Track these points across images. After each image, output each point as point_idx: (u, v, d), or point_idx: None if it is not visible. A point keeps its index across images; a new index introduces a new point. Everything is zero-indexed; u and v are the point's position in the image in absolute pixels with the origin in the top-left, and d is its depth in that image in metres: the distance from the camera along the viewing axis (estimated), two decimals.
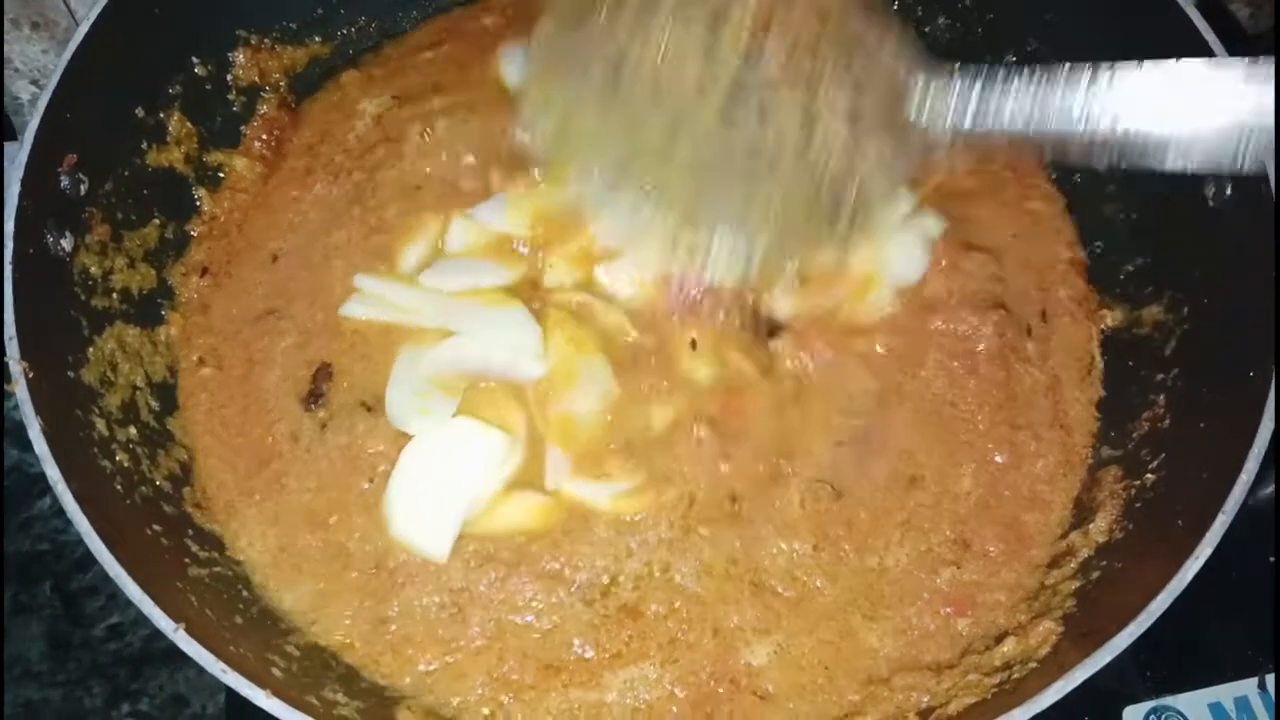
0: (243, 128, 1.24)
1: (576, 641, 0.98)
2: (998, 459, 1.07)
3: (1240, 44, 1.03)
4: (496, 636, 0.98)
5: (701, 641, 0.98)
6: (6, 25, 1.42)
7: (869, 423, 1.07)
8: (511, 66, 1.23)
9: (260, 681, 0.80)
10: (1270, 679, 1.17)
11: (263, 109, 1.25)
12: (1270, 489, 1.27)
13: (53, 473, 0.85)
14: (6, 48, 1.45)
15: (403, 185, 1.18)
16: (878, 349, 1.10)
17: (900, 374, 1.09)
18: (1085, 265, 1.19)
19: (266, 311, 1.14)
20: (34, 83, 1.51)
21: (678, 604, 1.00)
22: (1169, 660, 1.18)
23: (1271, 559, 1.23)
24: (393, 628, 0.99)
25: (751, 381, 1.07)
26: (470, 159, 1.18)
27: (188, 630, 0.80)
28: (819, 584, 1.01)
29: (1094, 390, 1.12)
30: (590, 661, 0.98)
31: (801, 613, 1.00)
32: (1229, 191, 0.99)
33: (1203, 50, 1.00)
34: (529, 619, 0.99)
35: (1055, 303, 1.16)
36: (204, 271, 1.17)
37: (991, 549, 1.03)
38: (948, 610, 1.00)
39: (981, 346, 1.10)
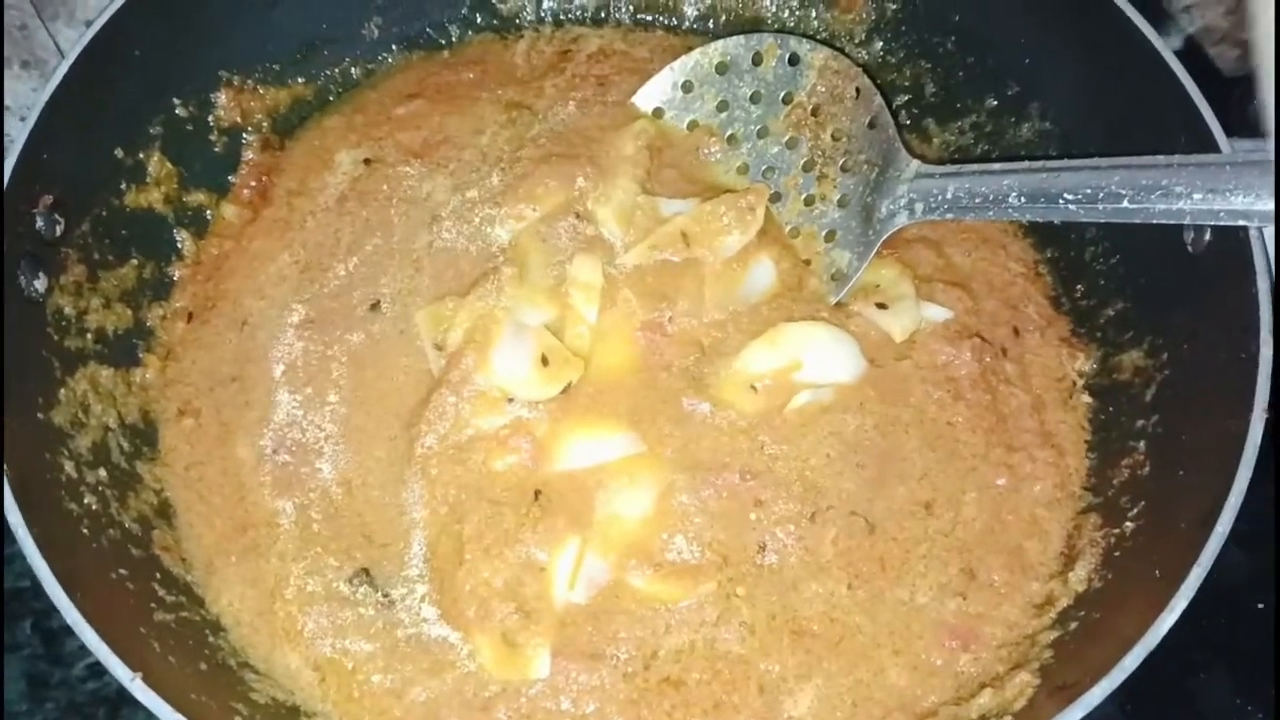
0: (231, 177, 1.24)
1: None
2: (999, 482, 1.07)
3: (1218, 89, 1.03)
4: (527, 716, 0.96)
5: (747, 701, 0.97)
6: None
7: (886, 446, 1.07)
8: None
9: None
10: None
11: (248, 154, 1.25)
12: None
13: (14, 517, 0.84)
14: None
15: None
16: (868, 391, 1.10)
17: (893, 407, 1.09)
18: (1044, 279, 1.20)
19: (232, 378, 1.13)
20: (23, 119, 1.52)
21: (720, 667, 0.98)
22: (1156, 710, 1.17)
23: (1260, 605, 1.22)
24: (397, 713, 0.96)
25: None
26: None
27: (145, 679, 0.79)
28: (857, 621, 1.00)
29: (1079, 414, 1.12)
30: None
31: (841, 652, 0.99)
32: (1208, 238, 0.99)
33: (1179, 94, 1.01)
34: (565, 704, 0.96)
35: (1024, 318, 1.17)
36: (189, 317, 1.17)
37: (996, 578, 1.03)
38: (953, 643, 1.00)
39: (963, 372, 1.10)
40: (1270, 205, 0.86)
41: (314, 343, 1.14)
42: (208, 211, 1.22)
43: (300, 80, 1.29)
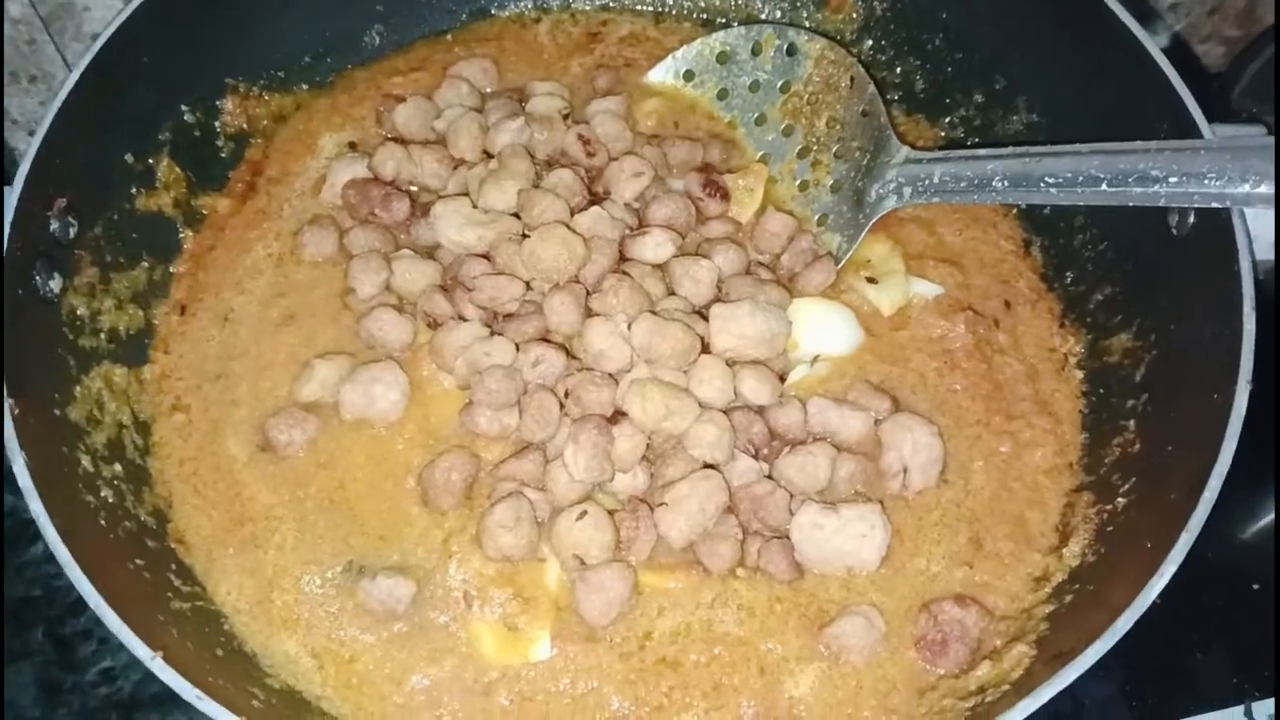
0: (230, 172, 1.26)
1: (615, 701, 0.96)
2: (1002, 449, 1.09)
3: (1203, 84, 1.05)
4: (528, 698, 0.97)
5: (747, 682, 0.97)
6: (6, 78, 1.46)
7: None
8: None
9: (238, 711, 0.80)
10: (1256, 706, 1.17)
11: (249, 154, 1.27)
12: (1258, 525, 1.28)
13: (36, 507, 0.85)
14: (5, 100, 1.49)
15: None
16: (865, 357, 1.13)
17: (891, 380, 1.12)
18: (1033, 256, 1.23)
19: (218, 375, 1.13)
20: (31, 133, 1.54)
21: (718, 649, 0.98)
22: (1156, 690, 1.18)
23: (1255, 586, 1.24)
24: (398, 700, 0.97)
25: None
26: None
27: (165, 658, 0.81)
28: (875, 599, 1.01)
29: (1072, 384, 1.14)
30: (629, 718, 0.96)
31: None
32: (1191, 221, 1.01)
33: (1164, 88, 1.03)
34: (564, 684, 0.97)
35: (1015, 292, 1.19)
36: (182, 310, 1.17)
37: (1001, 548, 1.04)
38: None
39: (958, 344, 1.14)
40: (1244, 188, 0.88)
41: (292, 336, 1.14)
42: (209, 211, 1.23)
43: (304, 86, 1.31)
